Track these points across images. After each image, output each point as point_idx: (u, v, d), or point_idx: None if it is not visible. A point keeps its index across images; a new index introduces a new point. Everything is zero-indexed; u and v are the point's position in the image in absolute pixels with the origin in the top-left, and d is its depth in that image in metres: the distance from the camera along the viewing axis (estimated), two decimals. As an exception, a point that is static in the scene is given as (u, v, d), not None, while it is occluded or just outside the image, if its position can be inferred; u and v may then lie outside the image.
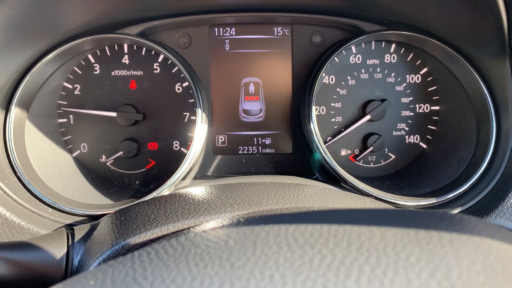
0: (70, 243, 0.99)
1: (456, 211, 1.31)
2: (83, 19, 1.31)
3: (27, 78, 1.34)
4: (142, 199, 1.29)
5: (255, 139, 1.63)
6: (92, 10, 1.28)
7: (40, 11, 1.16)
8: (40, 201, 1.29)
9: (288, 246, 0.57)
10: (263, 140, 1.63)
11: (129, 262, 0.60)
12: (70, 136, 1.54)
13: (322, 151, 1.42)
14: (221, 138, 1.63)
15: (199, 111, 1.43)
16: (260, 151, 1.63)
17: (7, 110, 1.33)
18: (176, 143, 1.56)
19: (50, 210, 1.28)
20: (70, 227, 1.12)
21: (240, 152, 1.63)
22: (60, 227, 1.21)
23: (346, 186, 1.42)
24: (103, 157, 1.55)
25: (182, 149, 1.56)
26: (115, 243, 0.89)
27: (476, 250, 0.53)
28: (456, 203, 1.34)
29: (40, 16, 1.18)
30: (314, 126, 1.44)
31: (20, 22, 1.14)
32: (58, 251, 0.96)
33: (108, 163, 1.55)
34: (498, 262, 0.51)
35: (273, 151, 1.63)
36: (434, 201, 1.35)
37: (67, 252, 0.97)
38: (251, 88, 1.61)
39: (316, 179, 1.51)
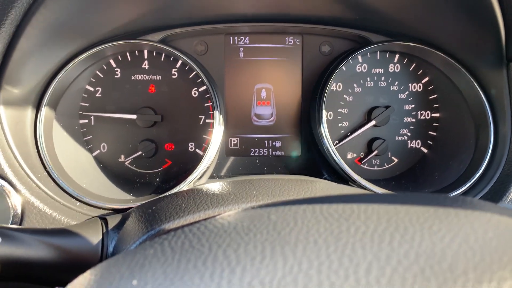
0: (104, 230, 1.06)
1: (457, 209, 1.39)
2: (112, 25, 1.40)
3: (56, 80, 1.41)
4: (165, 194, 1.36)
5: (266, 141, 1.72)
6: (123, 16, 1.37)
7: (77, 16, 1.24)
8: (68, 195, 1.36)
9: (325, 220, 0.65)
10: (274, 143, 1.72)
11: (182, 235, 0.67)
12: (90, 136, 1.61)
13: (332, 152, 1.51)
14: (234, 140, 1.71)
15: (216, 114, 1.51)
16: (270, 153, 1.71)
17: (37, 109, 1.40)
18: (191, 145, 1.64)
19: (78, 203, 1.35)
20: (100, 217, 1.19)
21: (251, 154, 1.71)
22: (89, 218, 1.28)
23: (354, 186, 1.51)
24: (122, 156, 1.62)
25: (197, 150, 1.63)
26: (151, 229, 0.96)
27: (488, 222, 0.62)
28: (457, 202, 1.42)
29: (76, 20, 1.26)
30: (324, 129, 1.53)
31: (57, 26, 1.22)
32: (94, 237, 1.03)
33: (126, 163, 1.62)
34: (507, 230, 0.60)
35: (283, 153, 1.72)
36: None
37: (102, 239, 1.04)
38: (263, 93, 1.70)
39: (325, 179, 1.60)
